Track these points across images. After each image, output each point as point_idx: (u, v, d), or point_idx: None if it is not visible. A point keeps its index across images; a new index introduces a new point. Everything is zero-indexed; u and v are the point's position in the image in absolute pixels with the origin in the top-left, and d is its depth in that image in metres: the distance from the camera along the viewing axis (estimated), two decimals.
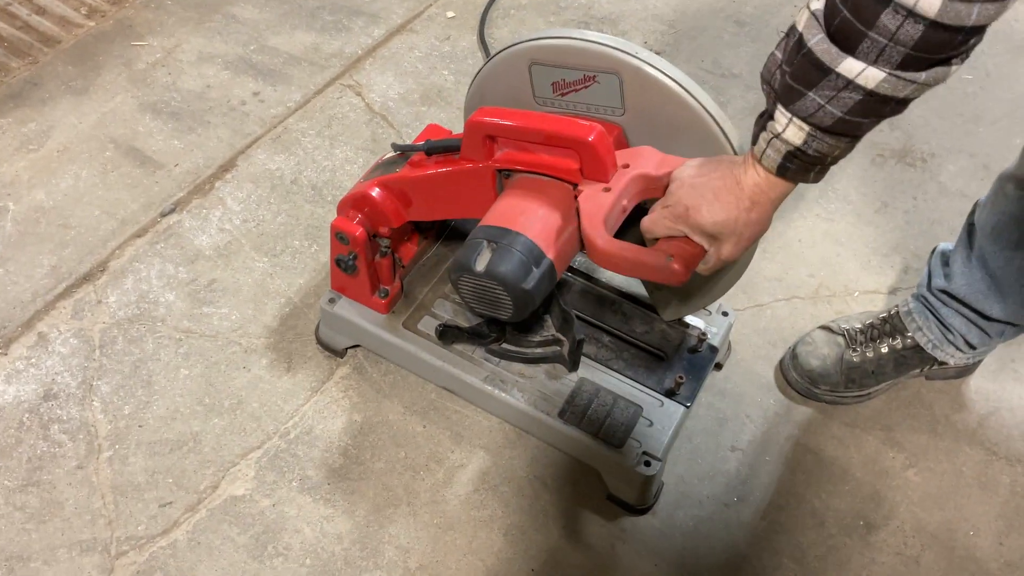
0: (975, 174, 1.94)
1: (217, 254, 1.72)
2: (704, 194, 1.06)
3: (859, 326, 1.59)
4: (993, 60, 2.15)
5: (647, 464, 1.37)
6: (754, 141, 1.01)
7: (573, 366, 1.46)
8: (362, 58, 2.09)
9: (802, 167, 0.99)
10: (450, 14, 2.21)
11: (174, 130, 1.91)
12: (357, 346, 1.58)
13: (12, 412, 1.50)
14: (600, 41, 1.19)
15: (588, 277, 1.58)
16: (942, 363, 1.56)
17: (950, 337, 1.52)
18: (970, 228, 1.47)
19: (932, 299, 1.52)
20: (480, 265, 1.17)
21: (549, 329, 1.48)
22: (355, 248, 1.41)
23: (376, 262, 1.46)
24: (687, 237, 1.11)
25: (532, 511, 1.44)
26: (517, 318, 1.22)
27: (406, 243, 1.55)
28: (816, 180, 1.02)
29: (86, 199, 1.78)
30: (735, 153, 1.20)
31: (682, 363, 1.48)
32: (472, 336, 1.45)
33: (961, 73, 2.09)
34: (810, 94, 0.91)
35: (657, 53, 1.28)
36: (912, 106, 0.93)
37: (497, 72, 1.30)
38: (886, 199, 1.89)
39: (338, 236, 1.41)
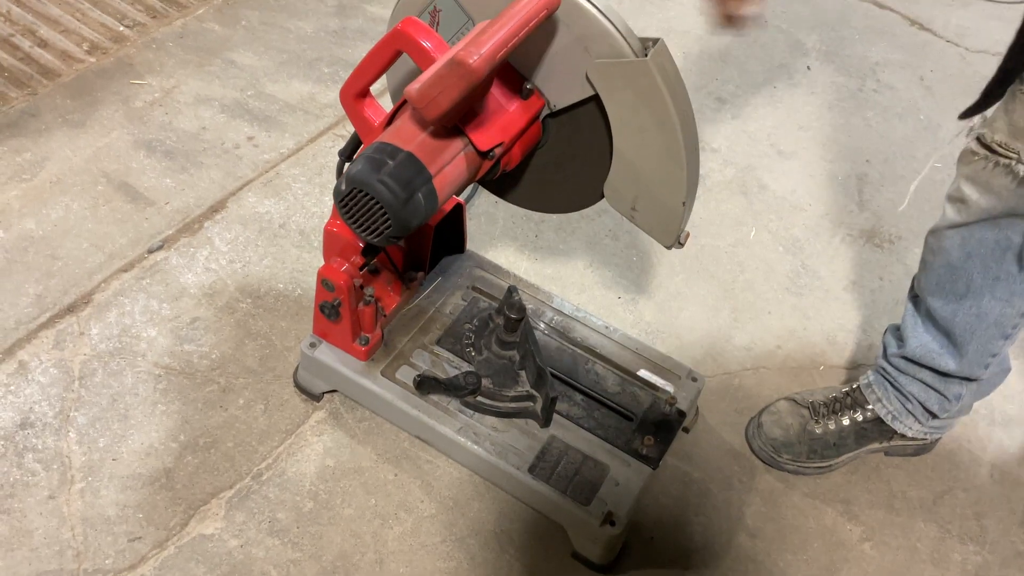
0: None
1: (202, 293, 1.75)
2: None
3: (822, 399, 1.65)
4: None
5: (612, 523, 1.41)
6: None
7: (545, 422, 1.49)
8: None
9: None
10: None
11: (167, 168, 1.95)
12: (334, 391, 1.61)
13: None
14: None
15: (564, 336, 1.62)
16: (901, 435, 1.61)
17: (909, 406, 1.57)
18: (915, 298, 1.53)
19: (890, 368, 1.58)
20: (339, 186, 1.19)
21: (524, 385, 1.52)
22: (339, 295, 1.44)
23: (359, 310, 1.49)
24: None
25: (496, 565, 1.46)
26: (397, 222, 1.19)
27: (389, 293, 1.59)
28: None
29: (75, 231, 1.81)
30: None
31: (650, 425, 1.52)
32: (448, 388, 1.48)
33: (932, 161, 2.19)
34: None
35: None
36: (883, 189, 0.99)
37: None
38: (854, 277, 1.96)
39: (324, 283, 1.45)
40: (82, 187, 1.89)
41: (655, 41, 1.20)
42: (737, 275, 1.93)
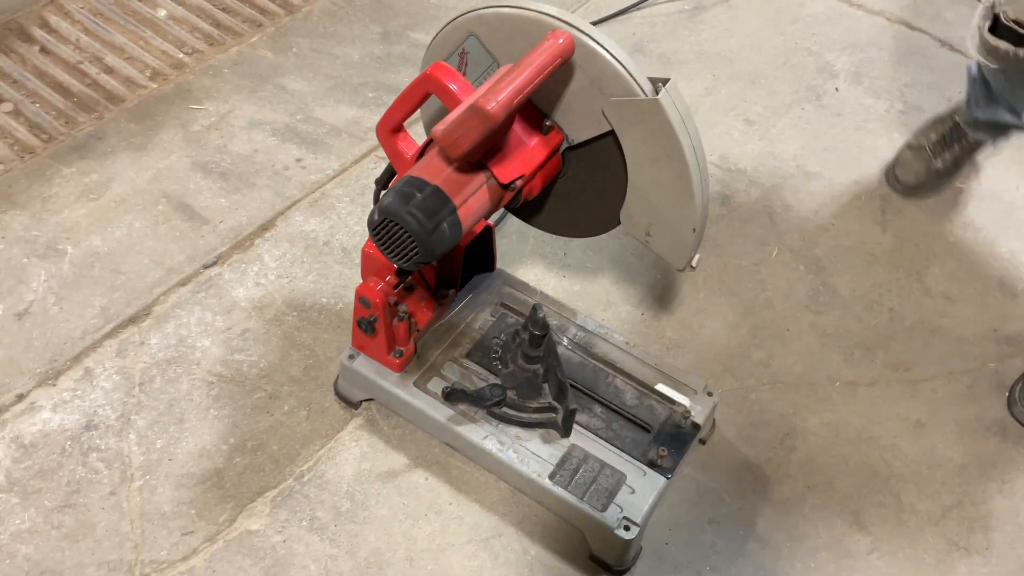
0: (959, 279, 2.07)
1: (252, 306, 1.88)
2: None
3: (936, 137, 2.14)
4: (986, 170, 2.29)
5: (627, 528, 1.50)
6: None
7: (566, 432, 1.59)
8: None
9: None
10: None
11: (222, 189, 2.09)
12: (371, 400, 1.73)
13: (56, 439, 1.65)
14: (443, 24, 1.36)
15: (586, 351, 1.72)
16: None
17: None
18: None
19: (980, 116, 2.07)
20: (372, 215, 1.31)
21: (546, 397, 1.62)
22: (375, 312, 1.56)
23: (394, 325, 1.61)
24: None
25: (518, 565, 1.56)
26: (424, 250, 1.30)
27: (422, 309, 1.71)
28: None
29: (137, 247, 1.96)
30: (594, 40, 1.29)
31: (666, 437, 1.61)
32: (475, 399, 1.59)
33: (955, 182, 2.24)
34: None
35: None
36: (905, 210, 1.09)
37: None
38: (873, 297, 2.03)
39: (361, 300, 1.57)
40: (144, 206, 2.04)
41: (665, 81, 1.30)
42: (758, 293, 2.01)
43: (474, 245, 1.72)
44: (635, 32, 2.59)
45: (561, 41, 1.23)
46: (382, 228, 1.31)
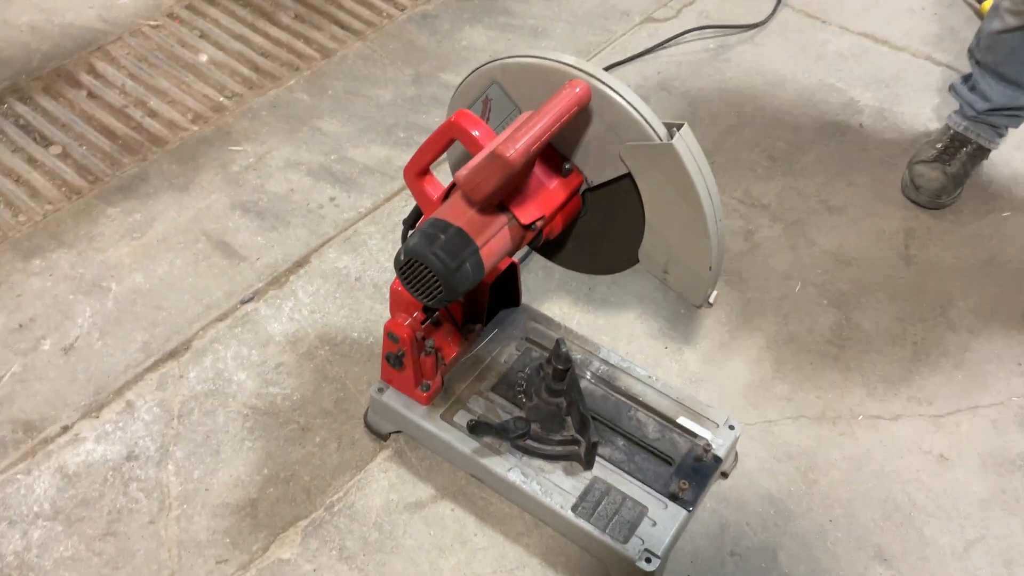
0: (983, 313, 2.08)
1: (286, 340, 1.95)
2: None
3: (941, 148, 2.30)
4: (1012, 203, 2.31)
5: (648, 560, 1.53)
6: None
7: (588, 465, 1.63)
8: None
9: None
10: None
11: (259, 227, 2.17)
12: (399, 432, 1.78)
13: (98, 469, 1.72)
14: (468, 72, 1.43)
15: (609, 385, 1.76)
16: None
17: (1000, 133, 2.31)
18: (978, 65, 2.24)
19: (980, 117, 2.28)
20: (399, 256, 1.37)
21: (569, 430, 1.66)
22: (403, 347, 1.62)
23: (421, 360, 1.66)
24: None
25: None
26: (448, 289, 1.36)
27: (448, 344, 1.76)
28: None
29: (178, 284, 2.04)
30: (609, 88, 1.35)
31: (687, 470, 1.64)
32: (500, 431, 1.63)
33: (982, 222, 2.26)
34: None
35: None
36: (929, 244, 1.12)
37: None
38: (897, 331, 2.04)
39: (389, 336, 1.62)
40: (185, 245, 2.13)
41: (679, 125, 1.35)
42: (781, 327, 2.04)
43: (500, 282, 1.77)
44: (660, 71, 2.65)
45: (578, 90, 1.29)
46: (408, 268, 1.36)
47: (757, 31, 2.82)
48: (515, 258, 1.77)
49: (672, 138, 1.33)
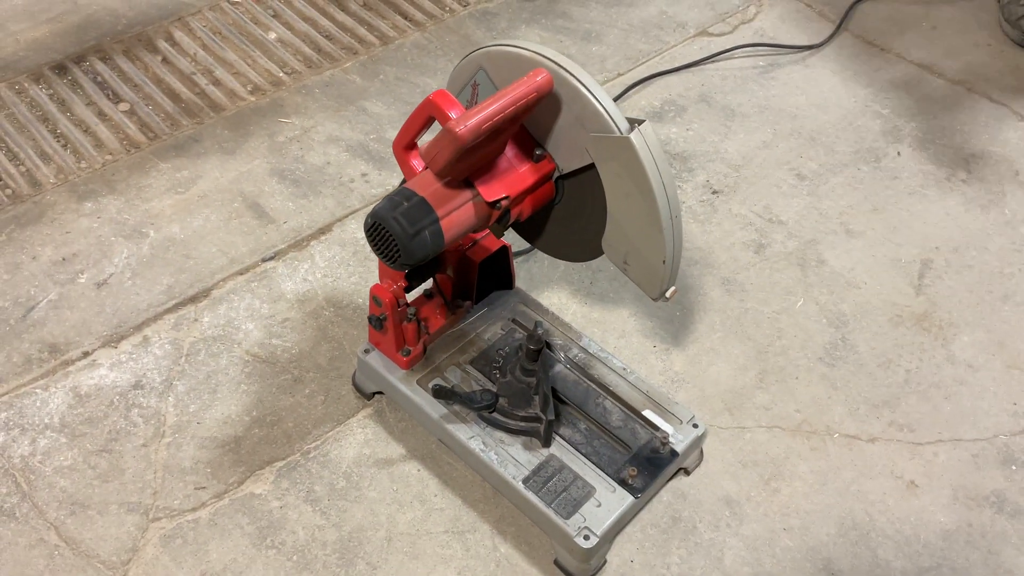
0: (987, 349, 2.05)
1: (296, 298, 2.08)
2: None
3: None
4: None
5: (586, 537, 1.59)
6: None
7: (546, 442, 1.70)
8: None
9: None
10: None
11: (292, 194, 2.32)
12: (382, 393, 1.89)
13: (107, 393, 1.89)
14: (460, 58, 1.53)
15: (583, 371, 1.83)
16: None
17: None
18: None
19: None
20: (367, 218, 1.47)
21: (535, 408, 1.73)
22: (385, 311, 1.72)
23: (403, 325, 1.76)
24: None
25: (486, 560, 1.67)
26: (406, 252, 1.45)
27: (436, 315, 1.86)
28: None
29: (209, 237, 2.20)
30: (576, 80, 1.42)
31: (642, 459, 1.69)
32: (465, 400, 1.72)
33: (1005, 260, 2.22)
34: None
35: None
36: (945, 277, 1.14)
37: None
38: (892, 356, 2.04)
39: (374, 298, 1.73)
40: (222, 203, 2.29)
41: (641, 122, 1.41)
42: (774, 340, 2.06)
43: (491, 262, 1.86)
44: (704, 83, 2.69)
45: (539, 79, 1.37)
46: (372, 230, 1.47)
47: (811, 53, 2.82)
48: (507, 242, 1.85)
49: (631, 132, 1.40)
